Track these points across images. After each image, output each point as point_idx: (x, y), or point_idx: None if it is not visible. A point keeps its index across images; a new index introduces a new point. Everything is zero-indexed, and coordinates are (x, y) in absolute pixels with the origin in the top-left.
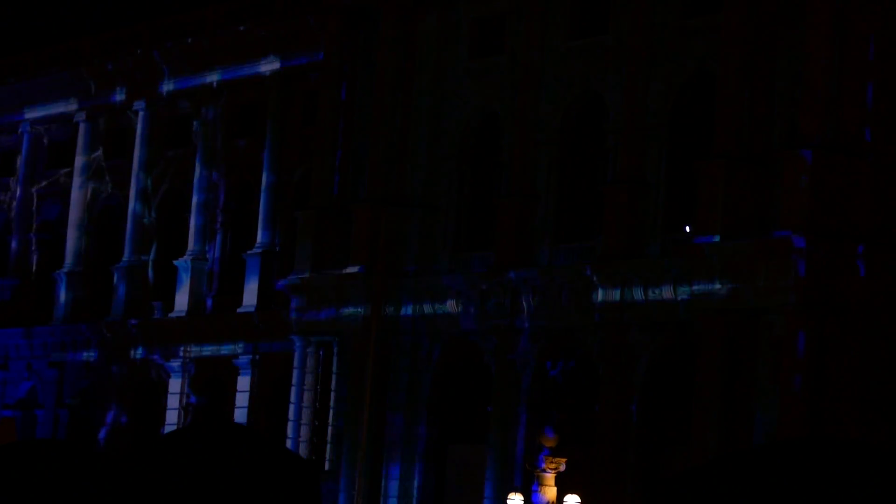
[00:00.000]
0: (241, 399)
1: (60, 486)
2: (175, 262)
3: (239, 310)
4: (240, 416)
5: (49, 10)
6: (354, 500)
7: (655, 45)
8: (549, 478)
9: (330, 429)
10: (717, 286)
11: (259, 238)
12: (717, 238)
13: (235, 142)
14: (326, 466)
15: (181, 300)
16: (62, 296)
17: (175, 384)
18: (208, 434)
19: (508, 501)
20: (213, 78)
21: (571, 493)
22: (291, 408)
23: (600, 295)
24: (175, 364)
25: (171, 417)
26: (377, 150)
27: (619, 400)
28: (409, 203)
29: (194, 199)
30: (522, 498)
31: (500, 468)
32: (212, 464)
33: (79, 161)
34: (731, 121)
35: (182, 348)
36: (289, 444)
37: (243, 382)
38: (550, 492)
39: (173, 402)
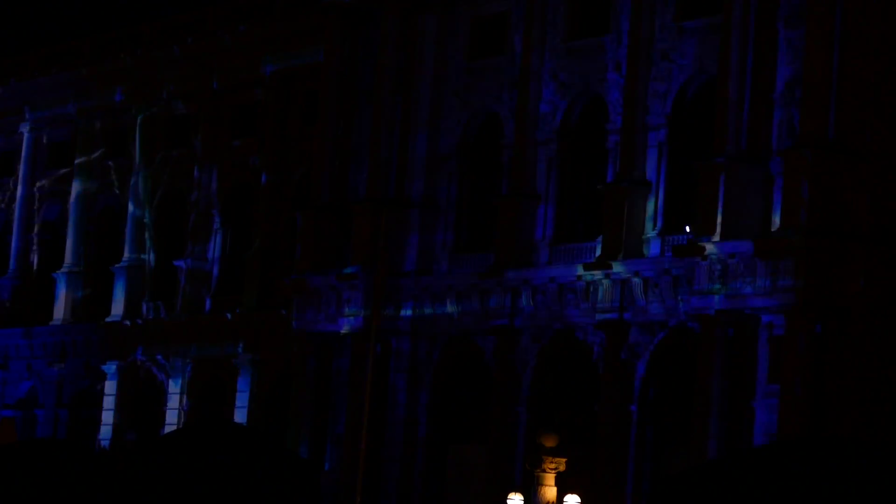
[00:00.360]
0: (241, 399)
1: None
2: (175, 262)
3: (239, 310)
4: (240, 416)
5: (49, 10)
6: (354, 500)
7: (655, 45)
8: (549, 478)
9: (330, 429)
10: (717, 286)
11: (258, 238)
12: (717, 238)
13: (234, 142)
14: (326, 466)
15: (181, 300)
16: (62, 296)
17: (175, 384)
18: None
19: (508, 501)
20: (212, 78)
21: (571, 493)
22: (291, 408)
23: (600, 295)
24: (175, 364)
25: (171, 417)
26: (377, 150)
27: (619, 400)
28: (409, 203)
29: (193, 199)
30: (522, 498)
31: (500, 468)
32: (212, 464)
33: (79, 161)
34: (731, 121)
35: (182, 348)
36: (289, 444)
37: (243, 382)
38: (550, 492)
39: (173, 402)
